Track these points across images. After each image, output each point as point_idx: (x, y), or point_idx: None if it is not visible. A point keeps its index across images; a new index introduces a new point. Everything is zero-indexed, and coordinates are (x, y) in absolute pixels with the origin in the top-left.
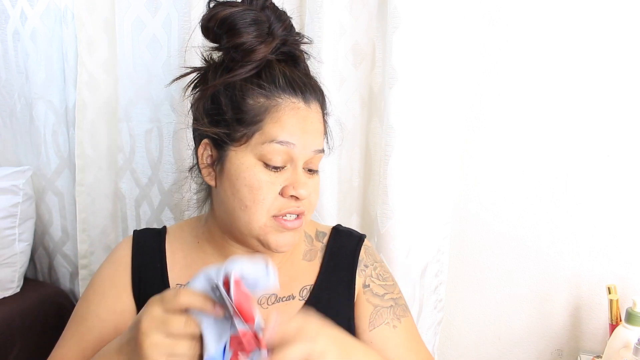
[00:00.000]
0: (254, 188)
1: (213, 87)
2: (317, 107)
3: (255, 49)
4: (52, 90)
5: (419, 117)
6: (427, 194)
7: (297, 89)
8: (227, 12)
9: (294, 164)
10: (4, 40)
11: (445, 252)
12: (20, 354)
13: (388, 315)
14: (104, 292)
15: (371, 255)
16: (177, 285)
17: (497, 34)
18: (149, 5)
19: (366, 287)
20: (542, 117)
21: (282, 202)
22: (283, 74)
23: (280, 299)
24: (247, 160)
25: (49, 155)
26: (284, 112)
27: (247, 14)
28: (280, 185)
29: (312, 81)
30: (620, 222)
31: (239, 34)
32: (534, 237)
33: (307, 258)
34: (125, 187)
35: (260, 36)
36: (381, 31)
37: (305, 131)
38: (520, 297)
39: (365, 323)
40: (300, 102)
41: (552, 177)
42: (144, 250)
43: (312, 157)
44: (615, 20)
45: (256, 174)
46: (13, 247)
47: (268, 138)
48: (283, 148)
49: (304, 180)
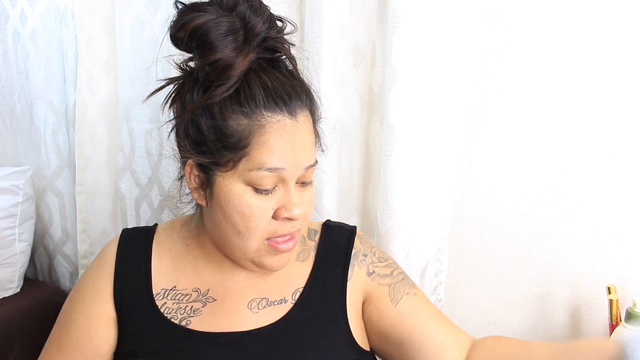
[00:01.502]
0: (245, 215)
1: (190, 112)
2: (306, 115)
3: (232, 63)
4: (52, 90)
5: (419, 117)
6: (427, 193)
7: (281, 102)
8: (198, 22)
9: (286, 184)
10: (4, 40)
11: (445, 252)
12: (20, 354)
13: (405, 287)
14: (84, 298)
15: (367, 242)
16: (161, 290)
17: (497, 34)
18: (149, 5)
19: (372, 274)
20: (542, 117)
21: (276, 226)
22: (263, 86)
23: (271, 303)
24: (236, 187)
25: (49, 155)
26: (270, 134)
27: (221, 22)
28: (272, 209)
29: (298, 83)
30: (620, 222)
31: (213, 49)
32: (534, 237)
33: (301, 258)
34: (125, 187)
35: (236, 48)
36: (381, 31)
37: (295, 151)
38: (520, 297)
39: (387, 302)
40: (286, 118)
41: (552, 177)
42: (129, 252)
43: (303, 173)
44: (615, 20)
45: (247, 200)
46: (13, 247)
47: (256, 165)
48: (272, 174)
49: (297, 199)
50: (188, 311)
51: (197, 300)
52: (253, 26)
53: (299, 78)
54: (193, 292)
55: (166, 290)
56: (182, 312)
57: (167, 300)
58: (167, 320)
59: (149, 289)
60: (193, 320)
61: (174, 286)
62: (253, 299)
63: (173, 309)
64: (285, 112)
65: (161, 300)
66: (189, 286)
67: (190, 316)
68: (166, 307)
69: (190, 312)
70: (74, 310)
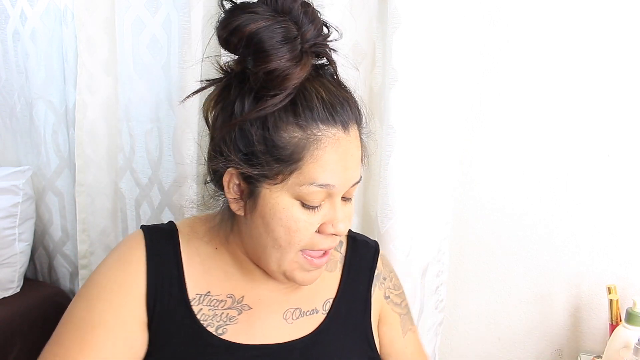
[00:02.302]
0: (291, 230)
1: (241, 121)
2: (356, 129)
3: (289, 74)
4: (52, 90)
5: (419, 117)
6: (427, 193)
7: (337, 116)
8: (254, 28)
9: (332, 199)
10: (4, 40)
11: (445, 253)
12: (20, 354)
13: (408, 322)
14: (111, 298)
15: (387, 265)
16: (197, 296)
17: (497, 34)
18: (149, 5)
19: (387, 299)
20: (542, 117)
21: (318, 239)
22: (321, 99)
23: (304, 314)
24: (283, 200)
25: (49, 155)
26: (325, 150)
27: (276, 29)
28: (317, 224)
29: (348, 95)
30: (620, 222)
31: (269, 58)
32: (534, 237)
33: (328, 269)
34: (125, 187)
35: (293, 58)
36: (381, 31)
37: (346, 168)
38: (521, 297)
39: (399, 331)
40: (340, 132)
41: (552, 177)
42: (159, 252)
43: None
44: (615, 20)
45: (294, 214)
46: (13, 247)
47: (307, 180)
48: (323, 190)
49: (343, 215)
50: (224, 318)
51: (233, 308)
52: (305, 32)
53: (346, 88)
54: (227, 299)
55: (201, 295)
56: (218, 320)
57: (203, 306)
58: (203, 328)
59: (185, 294)
60: (229, 329)
61: (208, 291)
62: (287, 309)
63: (209, 315)
64: (340, 126)
65: (197, 307)
66: (222, 292)
67: (226, 324)
68: (202, 313)
69: (227, 320)
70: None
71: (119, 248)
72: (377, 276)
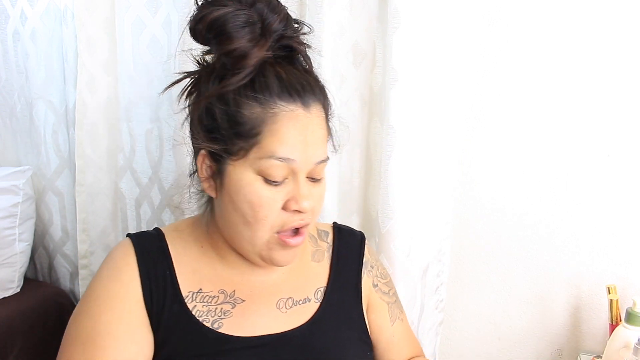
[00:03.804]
0: (255, 205)
1: (205, 99)
2: (319, 109)
3: (248, 53)
4: (52, 90)
5: (420, 117)
6: (427, 193)
7: (295, 93)
8: (217, 14)
9: (296, 176)
10: (4, 40)
11: (446, 253)
12: (20, 354)
13: (397, 310)
14: (113, 308)
15: (373, 254)
16: (189, 293)
17: (497, 34)
18: (149, 5)
19: (375, 287)
20: (542, 117)
21: (285, 217)
22: (278, 77)
23: (297, 302)
24: (247, 176)
25: (49, 155)
26: (282, 123)
27: (239, 14)
28: (282, 200)
29: (312, 79)
30: (620, 222)
31: (229, 39)
32: (534, 237)
33: (316, 259)
34: (125, 187)
35: (253, 39)
36: (381, 31)
37: (307, 143)
38: (521, 297)
39: (387, 318)
40: (299, 109)
41: (552, 177)
42: (149, 256)
43: (314, 167)
44: (615, 20)
45: (257, 190)
46: (13, 247)
47: (266, 153)
48: (283, 164)
49: (307, 192)
50: (219, 313)
51: (226, 302)
52: (270, 23)
53: (313, 75)
54: (220, 294)
55: (194, 293)
56: (212, 315)
57: (196, 303)
58: (200, 323)
59: (178, 292)
60: (225, 323)
61: (200, 289)
62: (280, 299)
63: (204, 311)
64: (299, 103)
65: (191, 303)
66: (214, 288)
67: (221, 318)
68: (197, 309)
69: (222, 314)
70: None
71: (109, 259)
72: (365, 263)
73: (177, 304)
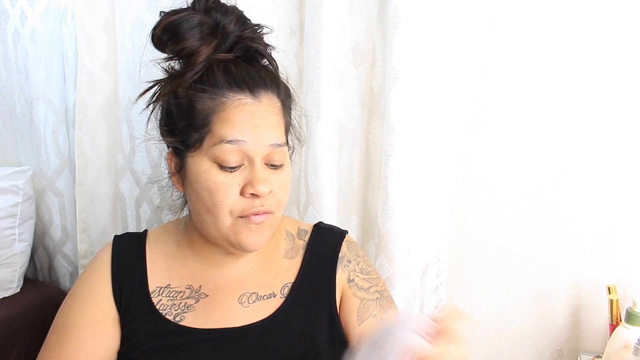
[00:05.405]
0: (212, 191)
1: (163, 97)
2: (271, 99)
3: (197, 51)
4: (52, 90)
5: (419, 117)
6: (427, 193)
7: (243, 85)
8: (171, 19)
9: (251, 161)
10: (4, 40)
11: (445, 252)
12: (20, 354)
13: (375, 308)
14: (84, 301)
15: (353, 250)
16: (157, 288)
17: (497, 34)
18: (149, 5)
19: (351, 282)
20: (542, 117)
21: (244, 203)
22: (226, 71)
23: (261, 297)
24: (203, 165)
25: (49, 155)
26: (230, 110)
27: (191, 18)
28: (238, 186)
29: (268, 74)
30: (620, 222)
31: (181, 39)
32: (534, 237)
33: (289, 256)
34: (125, 187)
35: (202, 38)
36: (381, 31)
37: (256, 126)
38: (521, 297)
39: (354, 317)
40: (247, 98)
41: (552, 177)
42: (124, 254)
43: (270, 152)
44: (615, 20)
45: (212, 176)
46: (13, 247)
47: (218, 139)
48: (234, 147)
49: (263, 176)
50: (182, 307)
51: (191, 297)
52: (224, 26)
53: (271, 72)
54: (186, 289)
55: (161, 287)
56: (176, 309)
57: (162, 297)
58: (162, 317)
59: (146, 287)
60: (187, 316)
61: (168, 284)
62: (243, 294)
63: (168, 305)
64: (248, 93)
65: (157, 298)
66: (182, 283)
67: (184, 312)
68: (161, 304)
69: (184, 309)
70: (74, 312)
71: (92, 258)
72: (340, 258)
73: (143, 298)
